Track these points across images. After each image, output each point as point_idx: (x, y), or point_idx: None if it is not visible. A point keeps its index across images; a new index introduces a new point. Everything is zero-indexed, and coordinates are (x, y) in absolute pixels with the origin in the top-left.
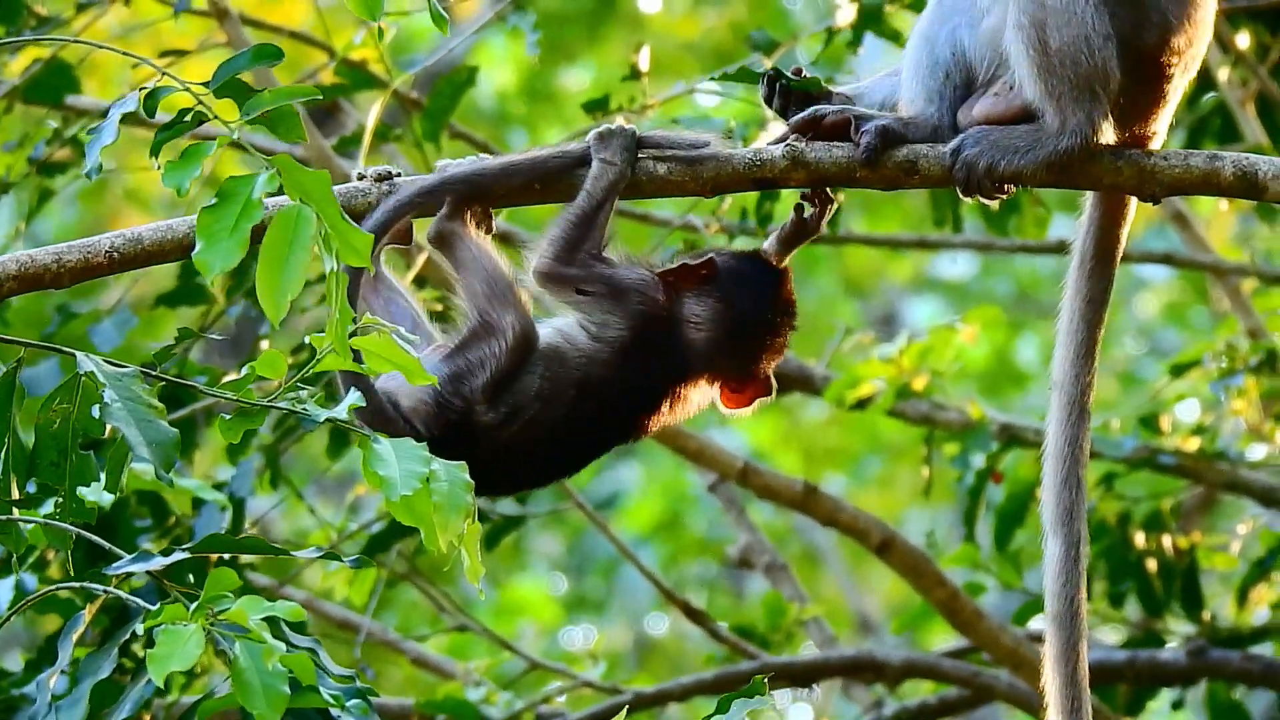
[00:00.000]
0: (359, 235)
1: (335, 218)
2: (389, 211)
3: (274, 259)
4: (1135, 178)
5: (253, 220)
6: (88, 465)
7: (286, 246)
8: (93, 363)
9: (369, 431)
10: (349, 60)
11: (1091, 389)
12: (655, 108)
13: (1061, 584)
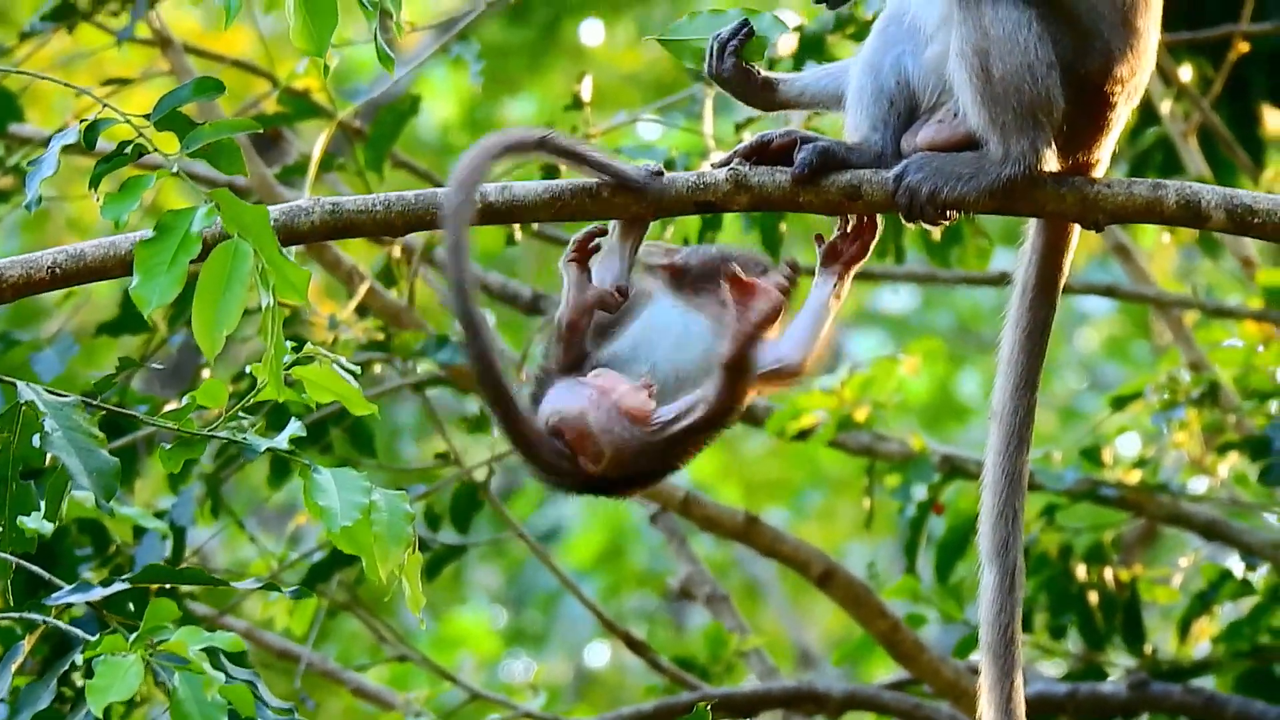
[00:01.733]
0: (296, 270)
1: (273, 252)
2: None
3: (210, 294)
4: (1078, 205)
5: (191, 255)
6: (28, 494)
7: (223, 281)
8: (33, 392)
9: (310, 463)
10: (292, 89)
11: (1031, 421)
12: (598, 138)
13: (996, 614)
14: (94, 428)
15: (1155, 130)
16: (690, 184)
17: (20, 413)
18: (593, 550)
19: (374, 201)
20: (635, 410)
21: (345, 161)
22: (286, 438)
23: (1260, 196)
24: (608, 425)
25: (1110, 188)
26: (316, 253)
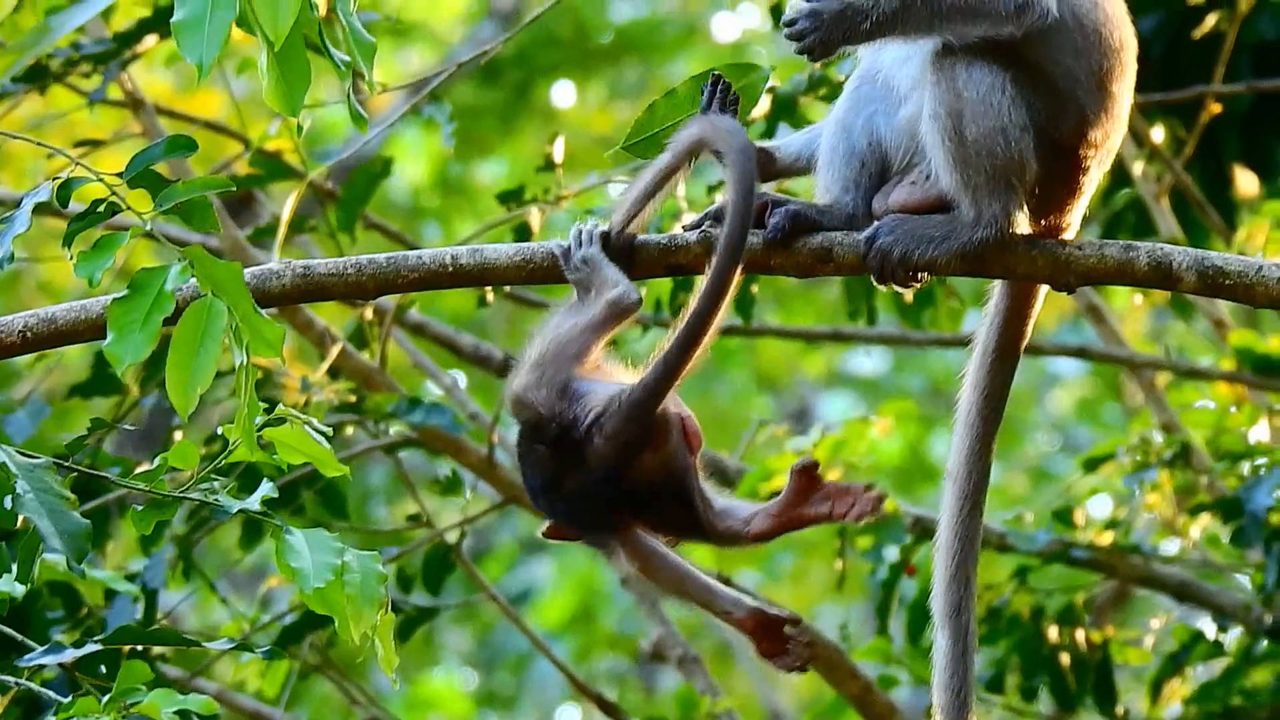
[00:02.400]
0: (271, 327)
1: (247, 310)
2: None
3: (184, 352)
4: (1050, 268)
5: (164, 313)
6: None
7: (197, 340)
8: (4, 454)
9: (282, 525)
10: (264, 151)
11: (986, 484)
12: (569, 198)
13: (949, 676)
14: (66, 490)
15: (1128, 191)
16: (661, 246)
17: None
18: (564, 612)
19: (345, 265)
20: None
21: (317, 223)
22: (259, 499)
23: (1231, 258)
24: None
25: (1082, 250)
26: (289, 315)
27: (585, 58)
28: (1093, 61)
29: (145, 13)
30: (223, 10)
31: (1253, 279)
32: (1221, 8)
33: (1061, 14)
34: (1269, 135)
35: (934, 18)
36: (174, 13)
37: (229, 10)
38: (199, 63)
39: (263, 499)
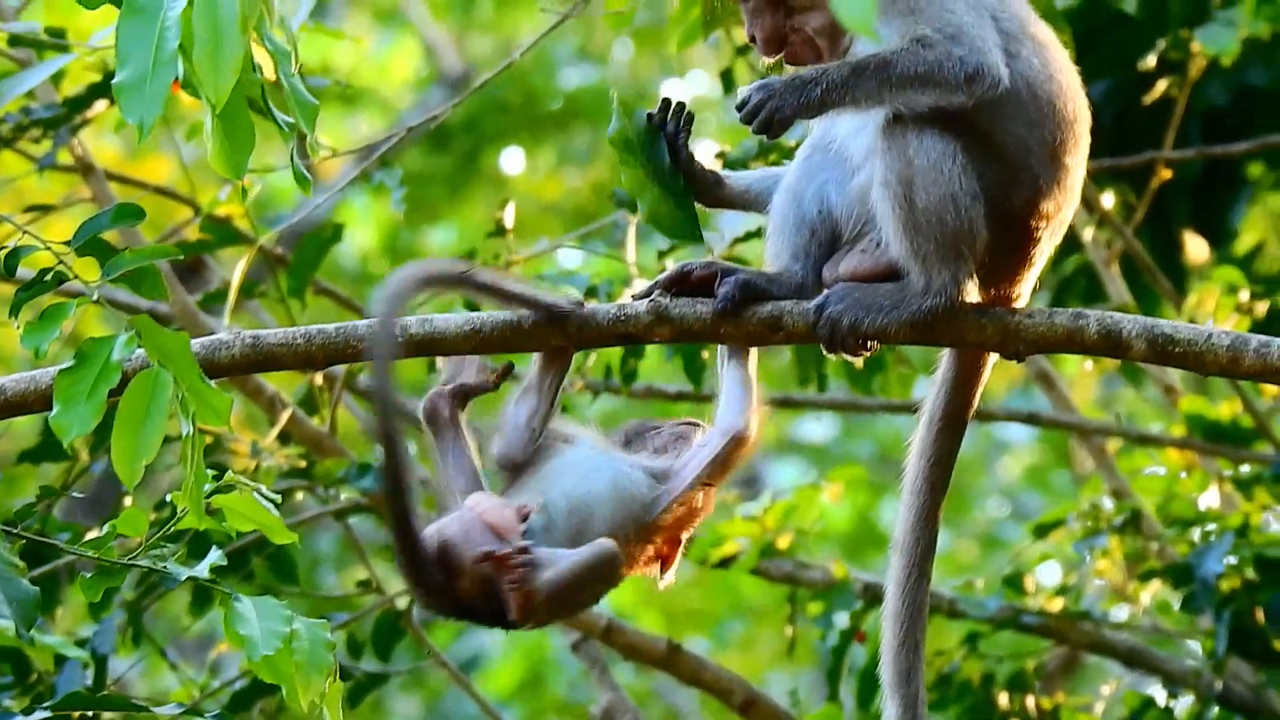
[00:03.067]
0: (218, 397)
1: (194, 380)
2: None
3: (130, 424)
4: (1000, 336)
5: (111, 383)
6: None
7: (143, 411)
8: None
9: (231, 591)
10: (214, 216)
11: (933, 552)
12: (519, 265)
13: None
14: (14, 556)
15: (1078, 257)
16: (611, 316)
17: None
18: (513, 679)
19: (294, 334)
20: (497, 522)
21: (267, 288)
22: (207, 566)
23: (1181, 326)
24: (466, 535)
25: (1031, 318)
26: (238, 381)
27: (534, 124)
28: (1046, 132)
29: (95, 78)
30: (164, 71)
31: (1202, 347)
32: (1172, 74)
33: (1014, 84)
34: (1219, 201)
35: (884, 87)
36: (116, 73)
37: (170, 71)
38: (140, 123)
39: (212, 566)
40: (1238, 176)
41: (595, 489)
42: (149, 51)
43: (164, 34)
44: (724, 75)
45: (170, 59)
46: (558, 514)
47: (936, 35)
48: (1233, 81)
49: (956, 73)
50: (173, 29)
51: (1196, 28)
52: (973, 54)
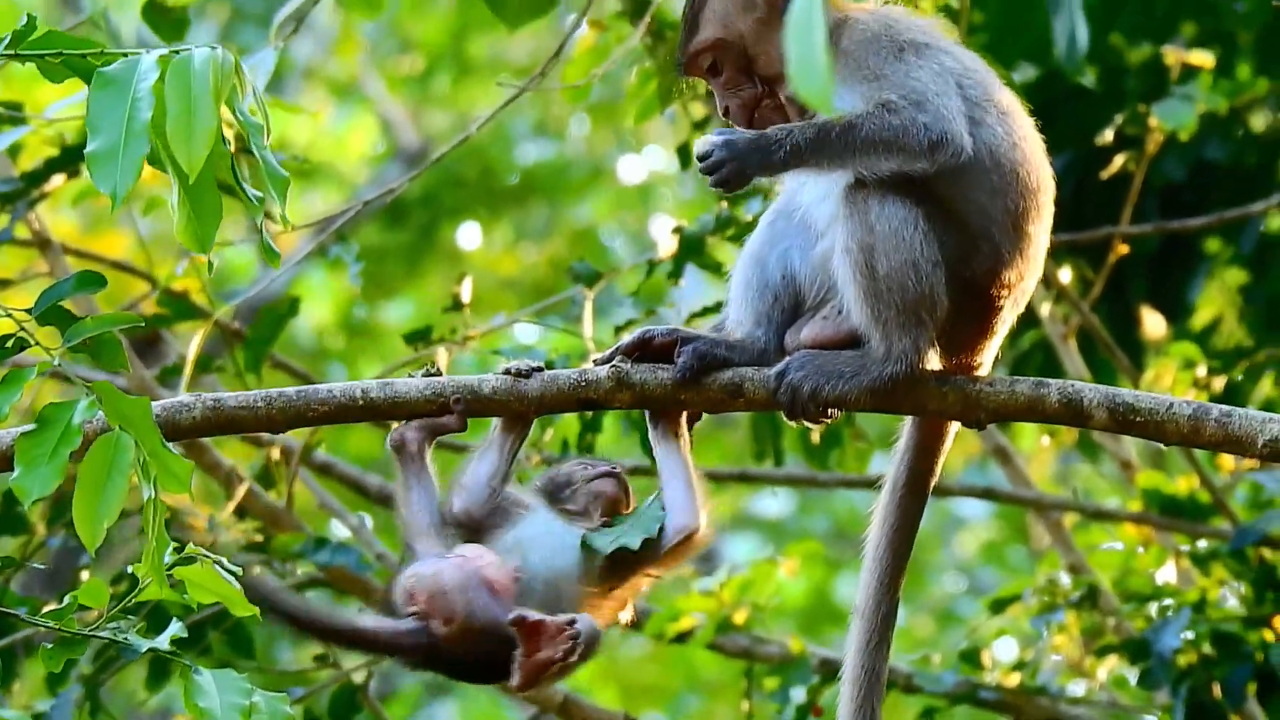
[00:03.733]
0: (179, 462)
1: (155, 445)
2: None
3: (92, 485)
4: (960, 404)
5: (72, 446)
6: None
7: (105, 473)
8: None
9: (190, 663)
10: (171, 290)
11: (894, 619)
12: (476, 339)
13: None
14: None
15: (1035, 332)
16: (573, 381)
17: None
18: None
19: (255, 397)
20: (496, 580)
21: (224, 362)
22: (168, 638)
23: (1142, 395)
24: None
25: (993, 386)
26: (195, 455)
27: (491, 199)
28: (1009, 200)
29: (53, 152)
30: (136, 142)
31: (1163, 416)
32: (1129, 148)
33: (978, 152)
34: (1176, 276)
35: (848, 150)
36: (88, 143)
37: (142, 142)
38: (113, 193)
39: (171, 638)
40: (1195, 252)
41: (569, 563)
42: (121, 122)
43: (136, 105)
44: (680, 150)
45: (142, 130)
46: (535, 582)
47: (901, 101)
48: (1190, 156)
49: (920, 139)
50: (145, 100)
51: (1154, 103)
52: (937, 121)
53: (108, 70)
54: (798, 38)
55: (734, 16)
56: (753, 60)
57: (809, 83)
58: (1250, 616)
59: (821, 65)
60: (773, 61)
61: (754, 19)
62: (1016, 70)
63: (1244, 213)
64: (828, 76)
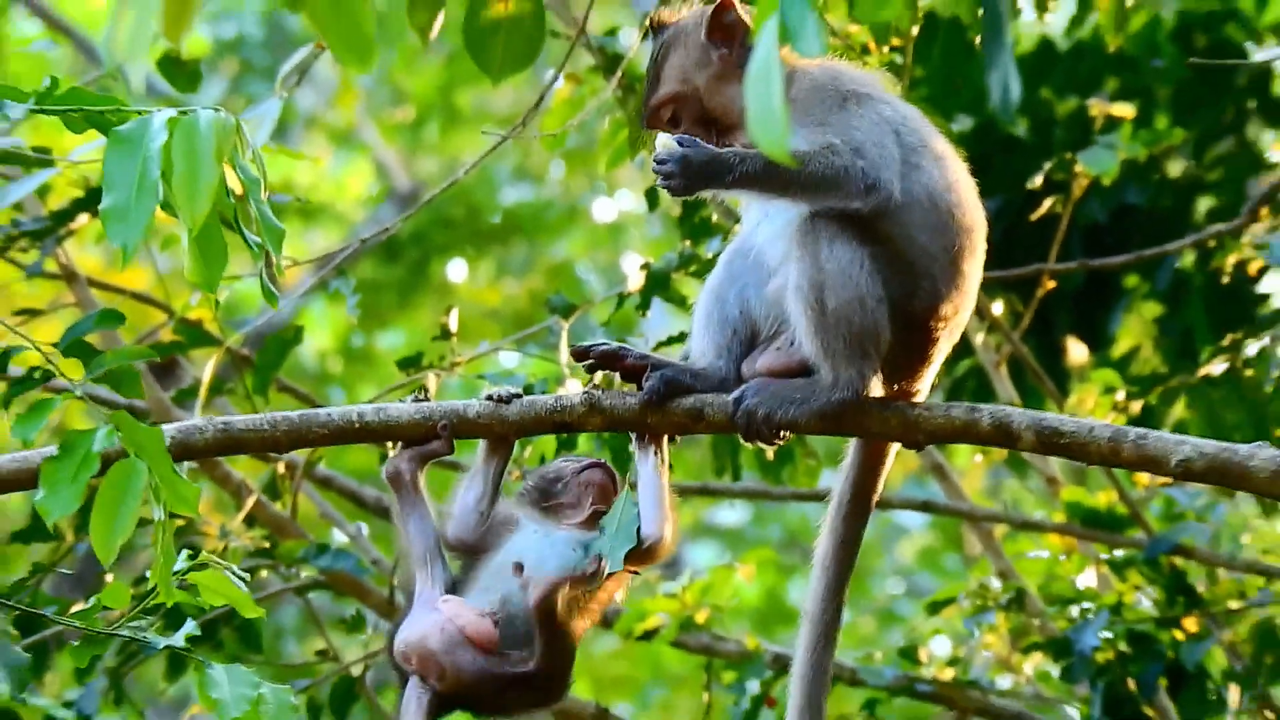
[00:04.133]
0: (187, 486)
1: (166, 471)
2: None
3: (108, 507)
4: (901, 427)
5: (91, 471)
6: None
7: (119, 497)
8: None
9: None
10: (186, 320)
11: (839, 622)
12: (463, 365)
13: None
14: (8, 626)
15: (969, 360)
16: (549, 406)
17: None
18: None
19: (261, 421)
20: (479, 638)
21: (234, 386)
22: (183, 636)
23: (1066, 419)
24: (449, 649)
25: (930, 411)
26: (208, 468)
27: (477, 237)
28: (946, 240)
29: (78, 193)
30: (147, 198)
31: (1085, 438)
32: (1057, 193)
33: (916, 195)
34: (1098, 309)
35: (792, 183)
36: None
37: (152, 199)
38: (124, 246)
39: (186, 636)
40: (1115, 287)
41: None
42: (133, 180)
43: (147, 164)
44: (648, 193)
45: (152, 186)
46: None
47: (843, 146)
48: (1112, 200)
49: (858, 182)
50: (154, 159)
51: (1080, 151)
52: (873, 168)
53: (122, 130)
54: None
55: (691, 72)
56: (709, 111)
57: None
58: (1162, 618)
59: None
60: (728, 112)
61: (709, 74)
62: (955, 121)
63: (1160, 251)
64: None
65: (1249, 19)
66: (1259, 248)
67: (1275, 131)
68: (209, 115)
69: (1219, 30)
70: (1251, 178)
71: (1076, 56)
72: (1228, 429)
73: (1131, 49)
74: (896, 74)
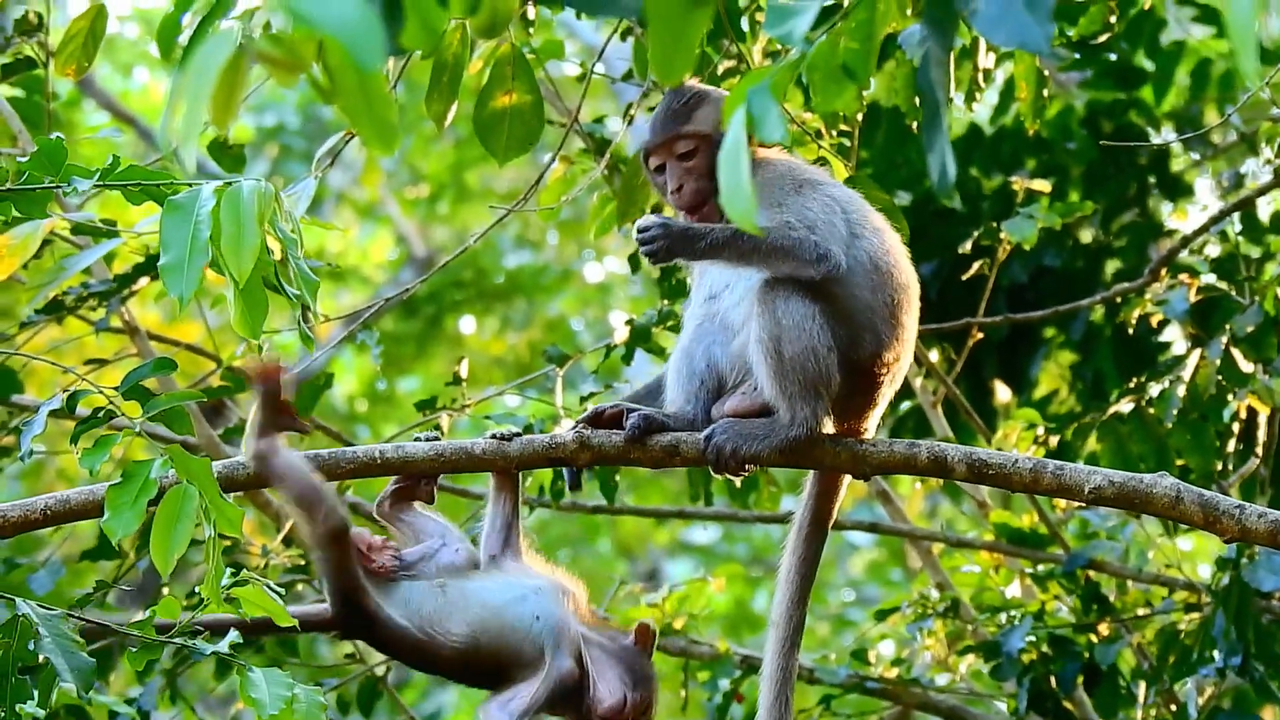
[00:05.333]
0: (232, 509)
1: (214, 495)
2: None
3: (164, 527)
4: (851, 460)
5: (149, 496)
6: (24, 687)
7: (174, 518)
8: (28, 606)
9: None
10: (232, 368)
11: (802, 628)
12: (471, 406)
13: None
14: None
15: (910, 401)
16: (545, 445)
17: (19, 623)
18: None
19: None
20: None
21: None
22: (227, 643)
23: (994, 453)
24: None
25: (875, 446)
26: (251, 496)
27: (484, 296)
28: (886, 296)
29: (139, 259)
30: (198, 257)
31: (1010, 469)
32: (984, 256)
33: (860, 259)
34: (1021, 357)
35: (753, 252)
36: (160, 257)
37: (203, 256)
38: (179, 296)
39: (230, 643)
40: (1036, 338)
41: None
42: (186, 240)
43: (198, 227)
44: (631, 259)
45: (203, 246)
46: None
47: (798, 223)
48: (1031, 262)
49: (811, 253)
50: (204, 222)
51: (1004, 220)
52: (824, 242)
53: (176, 198)
54: (727, 168)
55: (721, 128)
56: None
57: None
58: (1079, 624)
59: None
60: None
61: None
62: (895, 195)
63: (1074, 307)
64: (751, 201)
65: (1149, 107)
66: (1159, 303)
67: (1172, 203)
68: (251, 184)
69: (1124, 116)
70: (1152, 243)
71: (1000, 139)
72: (1134, 460)
73: (1048, 133)
74: (845, 155)
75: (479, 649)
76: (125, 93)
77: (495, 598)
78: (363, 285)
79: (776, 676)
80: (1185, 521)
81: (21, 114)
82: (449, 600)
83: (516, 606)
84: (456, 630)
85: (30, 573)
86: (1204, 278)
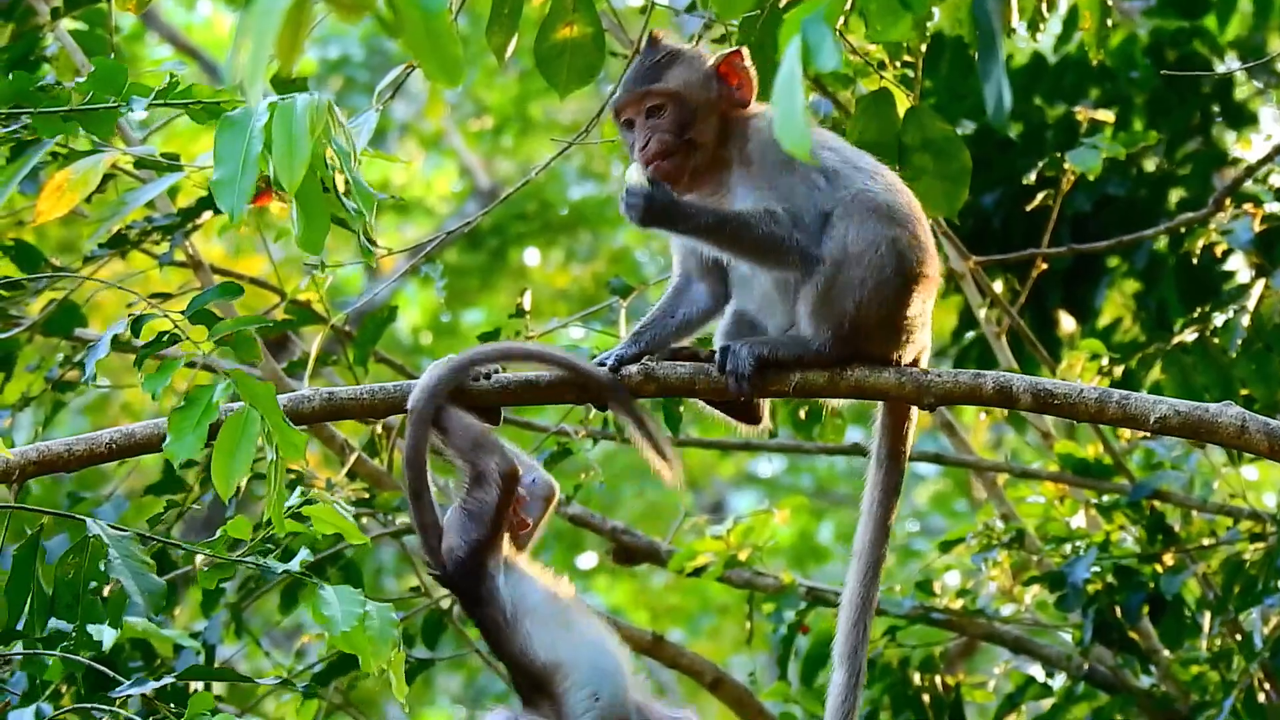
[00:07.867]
0: (296, 434)
1: (277, 420)
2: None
3: (226, 450)
4: (915, 391)
5: (211, 419)
6: (95, 607)
7: (236, 441)
8: (99, 527)
9: (317, 580)
10: (296, 301)
11: (883, 558)
12: (535, 338)
13: (840, 702)
14: (146, 556)
15: (974, 332)
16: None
17: (89, 544)
18: None
19: (361, 391)
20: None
21: (338, 358)
22: (298, 562)
23: (1059, 383)
24: None
25: (940, 376)
26: (316, 430)
27: (548, 228)
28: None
29: (202, 193)
30: (250, 170)
31: (1075, 399)
32: (1048, 187)
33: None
34: (1085, 287)
35: (736, 244)
36: (213, 173)
37: (253, 171)
38: (230, 210)
39: (301, 563)
40: (1100, 267)
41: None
42: (239, 155)
43: (250, 141)
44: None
45: (255, 161)
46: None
47: (784, 215)
48: (1096, 193)
49: (794, 255)
50: (258, 137)
51: (1068, 151)
52: (806, 240)
53: (231, 114)
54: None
55: (695, 85)
56: (689, 125)
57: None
58: (1144, 554)
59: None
60: (704, 135)
61: (707, 96)
62: (959, 125)
63: (1138, 237)
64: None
65: (1213, 36)
66: (1224, 233)
67: (1236, 132)
68: (305, 99)
69: (1187, 45)
70: (1216, 172)
71: (1064, 69)
72: (1198, 390)
73: (1111, 62)
74: (908, 85)
75: (534, 671)
76: (189, 25)
77: (584, 656)
78: (427, 218)
79: (856, 604)
80: (1251, 450)
81: (84, 48)
82: (553, 614)
83: (593, 675)
84: (536, 646)
85: (95, 506)
86: (1269, 206)
